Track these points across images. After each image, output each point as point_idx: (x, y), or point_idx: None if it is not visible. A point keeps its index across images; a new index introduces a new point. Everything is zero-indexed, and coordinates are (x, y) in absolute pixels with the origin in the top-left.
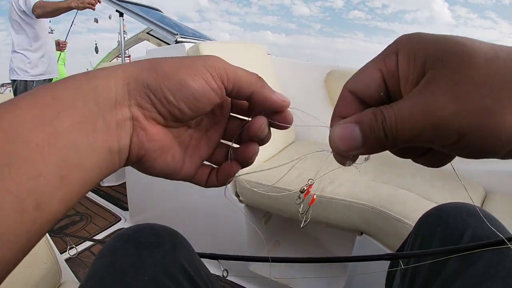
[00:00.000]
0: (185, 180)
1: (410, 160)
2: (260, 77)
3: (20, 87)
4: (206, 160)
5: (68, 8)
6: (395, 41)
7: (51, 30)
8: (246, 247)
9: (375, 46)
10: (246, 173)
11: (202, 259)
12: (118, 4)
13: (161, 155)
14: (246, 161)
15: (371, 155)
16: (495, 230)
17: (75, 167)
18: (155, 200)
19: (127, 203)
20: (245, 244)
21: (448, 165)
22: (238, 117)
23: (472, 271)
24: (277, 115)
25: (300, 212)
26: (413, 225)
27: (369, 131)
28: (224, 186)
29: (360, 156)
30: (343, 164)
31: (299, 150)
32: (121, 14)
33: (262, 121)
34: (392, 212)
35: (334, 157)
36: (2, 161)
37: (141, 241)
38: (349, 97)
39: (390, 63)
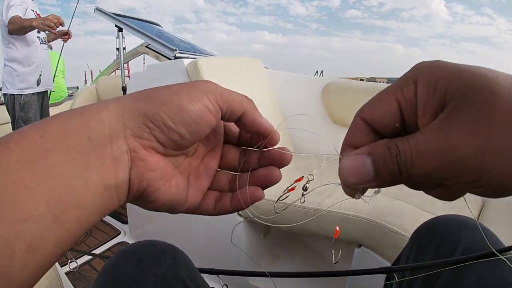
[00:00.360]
0: (190, 212)
1: None
2: (250, 99)
3: (10, 100)
4: (209, 189)
5: (31, 27)
6: (414, 68)
7: (44, 42)
8: (246, 261)
9: (373, 44)
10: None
11: (202, 274)
12: (118, 20)
13: (164, 184)
14: (268, 185)
15: (382, 189)
16: (488, 243)
17: (68, 207)
18: (155, 214)
19: (126, 217)
20: (244, 257)
21: None
22: (231, 145)
23: (465, 282)
24: (264, 139)
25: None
26: (409, 236)
27: (382, 165)
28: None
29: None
30: (352, 196)
31: (297, 163)
32: (120, 29)
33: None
34: (390, 224)
35: (343, 189)
36: None
37: (143, 257)
38: (362, 125)
39: (408, 93)
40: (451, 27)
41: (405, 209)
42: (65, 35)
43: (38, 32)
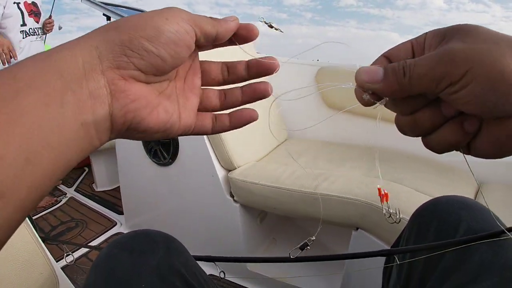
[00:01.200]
0: (186, 133)
1: (402, 154)
2: (218, 19)
3: None
4: (200, 109)
5: None
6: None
7: (34, 33)
8: (243, 246)
9: (368, 33)
10: (240, 172)
11: (198, 261)
12: (105, 8)
13: (151, 111)
14: (260, 98)
15: (383, 106)
16: (498, 223)
17: (41, 147)
18: (150, 203)
19: (122, 207)
20: (241, 243)
21: (442, 157)
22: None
23: (468, 264)
24: (240, 34)
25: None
26: (408, 219)
27: (390, 70)
28: (220, 188)
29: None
30: (361, 97)
31: (291, 148)
32: (108, 18)
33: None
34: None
35: (355, 93)
36: None
37: (136, 248)
38: (383, 60)
39: (420, 38)
40: (446, 15)
41: (401, 191)
42: (49, 24)
43: (24, 24)
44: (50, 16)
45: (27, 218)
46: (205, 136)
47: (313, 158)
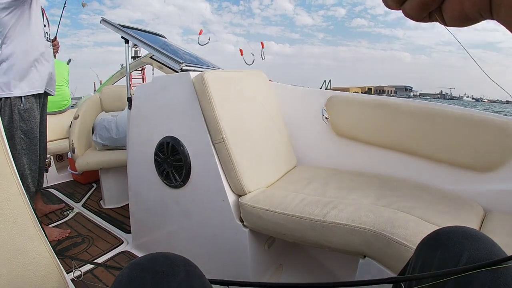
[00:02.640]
0: None
1: (409, 182)
2: None
3: (4, 106)
4: None
5: None
6: None
7: (49, 39)
8: (249, 271)
9: (379, 53)
10: (250, 198)
11: (212, 284)
12: (123, 31)
13: None
14: None
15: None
16: (498, 252)
17: None
18: (159, 224)
19: (129, 226)
20: (248, 267)
21: (448, 185)
22: None
23: None
24: None
25: None
26: (414, 248)
27: None
28: (230, 213)
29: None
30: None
31: (301, 175)
32: (126, 41)
33: None
34: (394, 235)
35: None
36: None
37: (157, 270)
38: None
39: None
40: (457, 34)
41: (409, 221)
42: (55, 46)
43: (44, 25)
44: (55, 38)
45: (41, 230)
46: (217, 161)
47: (323, 185)
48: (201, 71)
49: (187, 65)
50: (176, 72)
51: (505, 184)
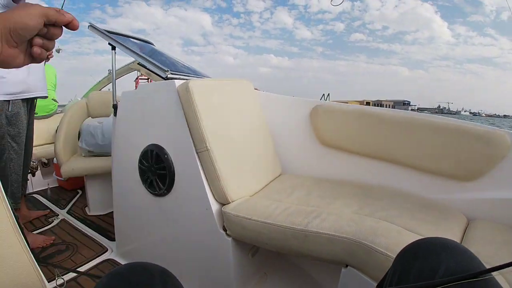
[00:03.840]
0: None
1: (393, 191)
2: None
3: None
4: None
5: None
6: None
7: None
8: (234, 280)
9: (377, 67)
10: (234, 207)
11: None
12: (111, 38)
13: (15, 59)
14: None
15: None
16: (476, 264)
17: None
18: (143, 232)
19: (114, 233)
20: (232, 276)
21: (432, 194)
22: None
23: None
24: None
25: None
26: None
27: None
28: (213, 221)
29: None
30: None
31: (285, 183)
32: (113, 48)
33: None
34: (375, 244)
35: None
36: None
37: (134, 280)
38: None
39: None
40: (454, 49)
41: (390, 230)
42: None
43: None
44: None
45: (22, 238)
46: (201, 170)
47: (306, 194)
48: (187, 79)
49: (172, 73)
50: (163, 79)
51: (488, 192)
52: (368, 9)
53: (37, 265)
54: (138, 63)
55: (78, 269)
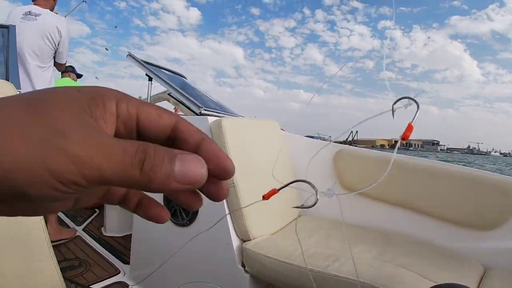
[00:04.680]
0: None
1: (411, 238)
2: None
3: None
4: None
5: None
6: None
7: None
8: None
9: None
10: (254, 244)
11: None
12: (149, 69)
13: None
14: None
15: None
16: None
17: None
18: (159, 259)
19: (128, 257)
20: None
21: (449, 242)
22: None
23: None
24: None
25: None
26: None
27: None
28: (233, 256)
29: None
30: None
31: (306, 225)
32: (150, 79)
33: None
34: None
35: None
36: None
37: None
38: None
39: None
40: (484, 87)
41: (407, 276)
42: None
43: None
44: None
45: (52, 250)
46: (225, 205)
47: (325, 237)
48: (219, 116)
49: (206, 109)
50: (195, 114)
51: (505, 242)
52: (397, 48)
53: (63, 280)
54: (169, 94)
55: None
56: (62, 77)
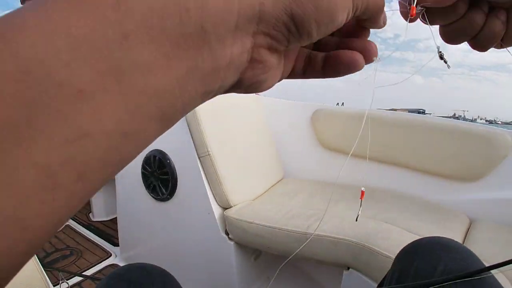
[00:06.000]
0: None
1: (395, 193)
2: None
3: None
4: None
5: None
6: None
7: None
8: (236, 284)
9: (391, 76)
10: (236, 211)
11: None
12: None
13: (272, 76)
14: (348, 71)
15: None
16: (474, 263)
17: (148, 119)
18: (146, 237)
19: (117, 239)
20: (235, 281)
21: (433, 195)
22: None
23: None
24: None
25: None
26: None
27: None
28: (215, 226)
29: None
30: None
31: (287, 187)
32: None
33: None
34: (377, 246)
35: (399, 4)
36: (21, 117)
37: (133, 280)
38: None
39: None
40: (468, 56)
41: (391, 232)
42: None
43: None
44: None
45: None
46: (202, 174)
47: (308, 197)
48: None
49: None
50: None
51: (490, 193)
52: None
53: (42, 270)
54: None
55: (83, 274)
56: None
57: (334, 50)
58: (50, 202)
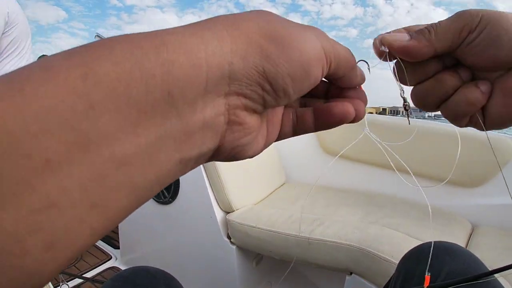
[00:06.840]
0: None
1: (397, 199)
2: (352, 54)
3: None
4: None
5: None
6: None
7: None
8: None
9: (391, 73)
10: (238, 215)
11: None
12: None
13: (254, 142)
14: (340, 122)
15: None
16: (478, 267)
17: (116, 190)
18: (147, 240)
19: (118, 241)
20: (236, 285)
21: (435, 201)
22: None
23: None
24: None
25: None
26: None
27: (416, 31)
28: (217, 229)
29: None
30: (378, 49)
31: (289, 192)
32: None
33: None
34: (379, 252)
35: (373, 45)
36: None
37: (138, 283)
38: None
39: None
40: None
41: (394, 237)
42: None
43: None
44: None
45: None
46: (205, 178)
47: (310, 202)
48: None
49: None
50: None
51: (492, 198)
52: (380, 15)
53: None
54: None
55: (83, 276)
56: None
57: (325, 102)
58: (20, 269)
